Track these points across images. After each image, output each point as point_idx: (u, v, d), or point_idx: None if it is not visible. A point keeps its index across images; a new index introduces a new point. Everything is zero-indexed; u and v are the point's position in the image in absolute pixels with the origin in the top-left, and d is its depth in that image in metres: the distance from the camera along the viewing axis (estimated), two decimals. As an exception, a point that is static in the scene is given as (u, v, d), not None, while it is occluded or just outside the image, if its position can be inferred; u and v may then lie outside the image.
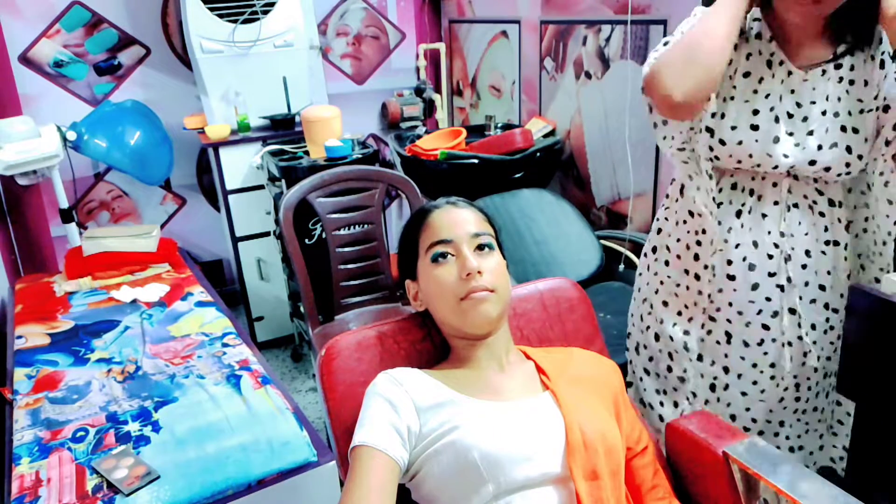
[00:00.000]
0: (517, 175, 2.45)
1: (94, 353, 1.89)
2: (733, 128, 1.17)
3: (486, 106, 3.24)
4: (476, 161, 2.42)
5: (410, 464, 0.94)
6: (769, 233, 1.21)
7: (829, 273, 1.23)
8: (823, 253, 1.22)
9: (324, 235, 2.16)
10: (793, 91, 1.15)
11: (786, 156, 1.15)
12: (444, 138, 2.71)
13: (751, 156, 1.17)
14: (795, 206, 1.20)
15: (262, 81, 2.85)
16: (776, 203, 1.20)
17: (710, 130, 1.19)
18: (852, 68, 1.14)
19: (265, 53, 2.82)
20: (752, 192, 1.22)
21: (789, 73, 1.15)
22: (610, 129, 2.34)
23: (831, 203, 1.21)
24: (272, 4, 2.78)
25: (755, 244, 1.22)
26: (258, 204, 2.83)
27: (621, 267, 2.31)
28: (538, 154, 2.50)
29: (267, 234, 2.88)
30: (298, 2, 2.84)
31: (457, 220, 1.04)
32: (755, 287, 1.23)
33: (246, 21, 2.74)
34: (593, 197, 2.52)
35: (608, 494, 0.90)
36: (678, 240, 1.32)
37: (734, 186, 1.24)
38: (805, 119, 1.15)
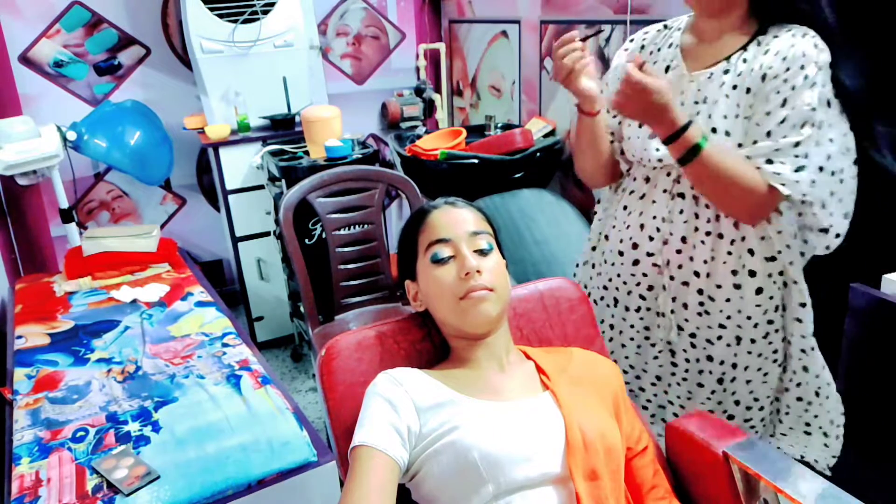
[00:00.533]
0: (517, 175, 2.45)
1: (94, 353, 1.89)
2: (629, 125, 1.34)
3: (486, 106, 3.24)
4: (476, 161, 2.42)
5: (410, 464, 0.94)
6: (654, 217, 1.32)
7: (705, 262, 1.27)
8: (702, 242, 1.27)
9: (324, 235, 2.16)
10: (682, 92, 1.25)
11: (657, 150, 1.26)
12: (444, 138, 2.71)
13: (635, 150, 1.32)
14: (681, 195, 1.27)
15: (262, 81, 2.85)
16: (665, 191, 1.30)
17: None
18: (740, 74, 1.18)
19: (265, 53, 2.82)
20: (647, 180, 1.34)
21: (681, 75, 1.26)
22: (610, 129, 2.34)
23: None
24: (272, 4, 2.78)
25: (641, 226, 1.34)
26: (258, 204, 2.84)
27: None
28: (538, 154, 2.50)
29: (267, 234, 2.88)
30: (298, 2, 2.84)
31: (455, 219, 1.04)
32: (636, 263, 1.36)
33: (246, 21, 2.74)
34: (593, 197, 2.52)
35: (608, 494, 0.90)
36: (599, 219, 1.54)
37: (638, 174, 1.37)
38: None
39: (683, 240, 1.29)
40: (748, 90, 1.16)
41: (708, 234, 1.26)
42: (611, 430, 0.97)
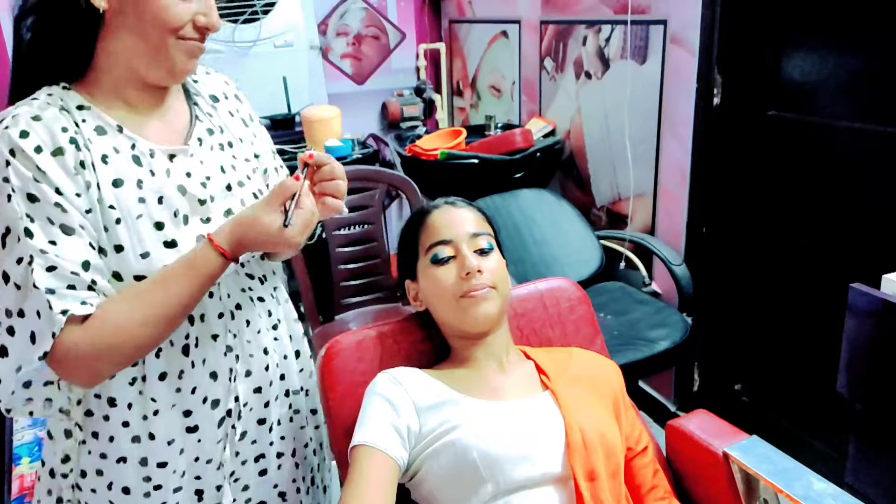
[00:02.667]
0: (517, 175, 2.45)
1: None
2: None
3: (486, 106, 3.24)
4: (476, 161, 2.42)
5: (410, 463, 0.94)
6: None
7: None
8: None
9: (324, 235, 2.16)
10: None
11: None
12: (444, 138, 2.71)
13: None
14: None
15: (262, 81, 2.85)
16: None
17: None
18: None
19: (265, 53, 2.82)
20: None
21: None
22: (610, 129, 2.34)
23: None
24: (272, 4, 2.78)
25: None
26: (258, 204, 2.83)
27: (621, 266, 2.31)
28: (538, 154, 2.49)
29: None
30: (298, 2, 2.84)
31: (456, 220, 1.04)
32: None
33: (246, 21, 2.74)
34: (593, 197, 2.52)
35: (607, 495, 0.90)
36: None
37: None
38: None
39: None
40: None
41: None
42: (611, 429, 0.97)
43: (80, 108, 0.83)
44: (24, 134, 0.77)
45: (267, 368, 0.99)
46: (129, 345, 0.81)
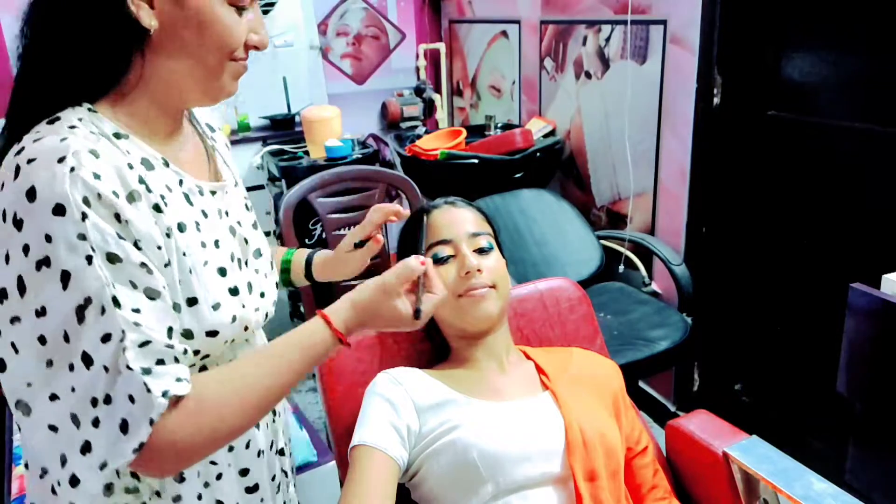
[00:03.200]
0: (517, 175, 2.45)
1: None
2: None
3: (486, 106, 3.24)
4: (476, 161, 2.42)
5: (410, 463, 0.94)
6: None
7: None
8: None
9: (324, 235, 2.16)
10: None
11: None
12: (444, 138, 2.71)
13: None
14: None
15: (262, 81, 2.86)
16: None
17: None
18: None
19: (265, 53, 2.82)
20: None
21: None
22: (610, 129, 2.34)
23: None
24: (272, 4, 2.78)
25: None
26: (258, 204, 2.82)
27: (621, 267, 2.31)
28: (538, 154, 2.49)
29: (267, 234, 2.87)
30: (298, 2, 2.84)
31: (456, 220, 1.04)
32: None
33: (246, 21, 2.74)
34: (593, 197, 2.52)
35: (607, 495, 0.90)
36: None
37: None
38: None
39: None
40: None
41: None
42: (610, 429, 0.97)
43: (116, 136, 0.69)
44: (96, 176, 0.62)
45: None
46: (229, 431, 0.70)
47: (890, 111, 1.59)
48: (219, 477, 0.80)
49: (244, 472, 0.83)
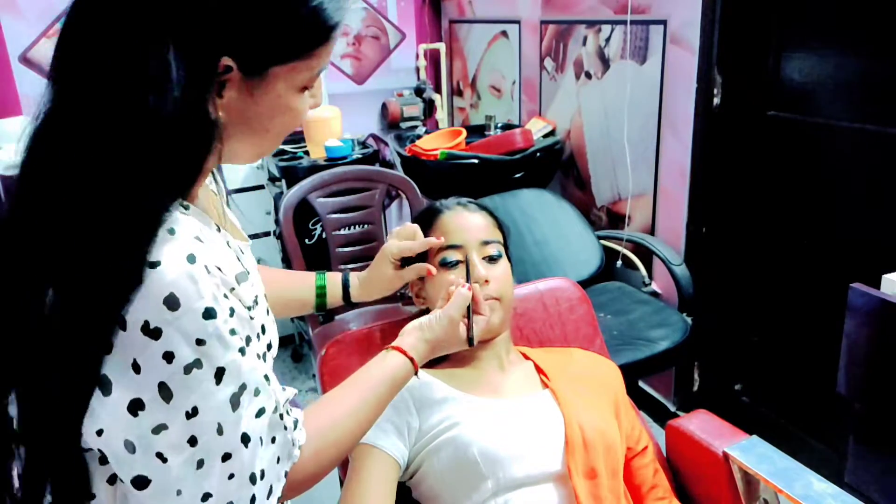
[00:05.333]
0: (517, 175, 2.45)
1: (95, 353, 1.89)
2: None
3: (486, 106, 3.24)
4: (476, 161, 2.42)
5: (410, 461, 0.94)
6: None
7: None
8: None
9: (324, 235, 2.16)
10: None
11: None
12: (444, 138, 2.71)
13: None
14: None
15: (262, 81, 2.85)
16: None
17: None
18: None
19: (265, 53, 2.82)
20: None
21: None
22: (610, 129, 2.34)
23: None
24: (272, 4, 2.78)
25: None
26: (258, 204, 2.83)
27: (621, 267, 2.31)
28: (538, 154, 2.49)
29: (267, 234, 2.88)
30: (298, 2, 2.84)
31: (467, 225, 1.04)
32: None
33: (246, 21, 2.74)
34: (593, 197, 2.52)
35: (607, 493, 0.90)
36: None
37: None
38: None
39: None
40: None
41: None
42: (610, 428, 0.97)
43: (185, 207, 0.63)
44: (219, 268, 0.60)
45: None
46: (336, 461, 0.78)
47: (890, 111, 1.59)
48: None
49: None
